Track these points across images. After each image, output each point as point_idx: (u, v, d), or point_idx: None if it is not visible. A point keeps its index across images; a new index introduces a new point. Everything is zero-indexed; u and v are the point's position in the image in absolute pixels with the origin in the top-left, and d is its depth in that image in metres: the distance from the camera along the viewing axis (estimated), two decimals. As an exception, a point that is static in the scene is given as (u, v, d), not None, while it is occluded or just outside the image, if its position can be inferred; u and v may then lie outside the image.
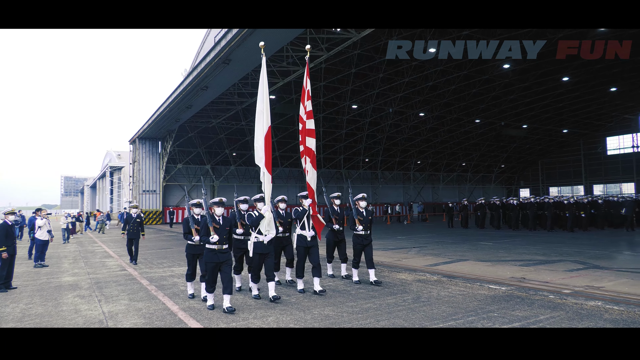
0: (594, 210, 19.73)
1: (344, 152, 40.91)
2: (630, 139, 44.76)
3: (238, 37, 15.98)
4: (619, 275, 8.07)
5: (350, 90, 31.03)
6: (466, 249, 13.02)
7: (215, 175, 37.70)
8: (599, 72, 30.09)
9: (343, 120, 35.79)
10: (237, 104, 28.64)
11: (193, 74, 21.36)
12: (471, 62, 28.19)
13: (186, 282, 7.36)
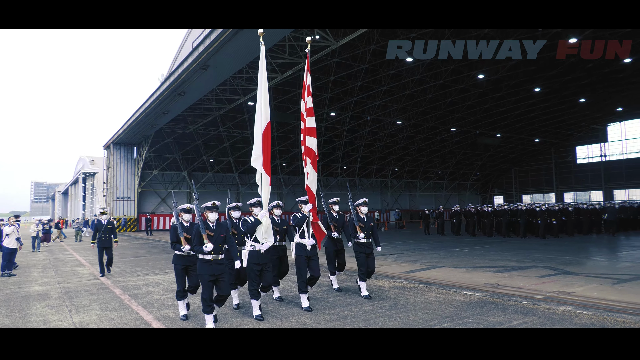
0: (565, 217, 20.30)
1: (322, 159, 41.00)
2: (598, 149, 46.33)
3: (217, 43, 15.90)
4: (588, 281, 8.30)
5: (328, 97, 31.21)
6: (442, 256, 13.18)
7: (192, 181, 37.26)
8: (569, 83, 31.10)
9: (321, 127, 35.92)
10: (215, 110, 28.44)
11: (170, 79, 21.12)
12: (447, 72, 28.76)
13: (176, 301, 6.61)
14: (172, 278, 9.98)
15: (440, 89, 31.49)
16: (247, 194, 39.44)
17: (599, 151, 46.27)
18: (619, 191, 44.78)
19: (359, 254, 7.19)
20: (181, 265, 6.23)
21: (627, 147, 44.18)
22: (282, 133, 35.63)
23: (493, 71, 28.70)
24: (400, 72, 28.81)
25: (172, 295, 7.91)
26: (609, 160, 45.39)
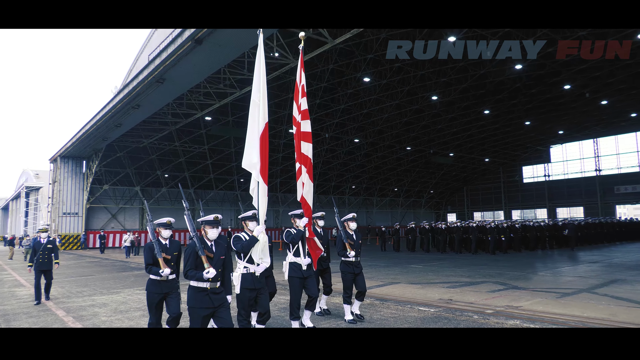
0: (512, 234, 21.20)
1: (280, 176, 40.94)
2: (542, 169, 49.01)
3: (174, 57, 15.65)
4: (534, 295, 8.66)
5: (287, 114, 31.36)
6: (398, 272, 13.37)
7: (145, 197, 36.01)
8: (515, 107, 32.89)
9: (280, 144, 35.95)
10: (170, 124, 27.85)
11: (124, 92, 20.52)
12: (403, 92, 29.68)
13: None
14: (121, 298, 9.53)
15: (396, 109, 32.41)
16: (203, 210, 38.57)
17: (543, 171, 48.95)
18: (561, 209, 47.39)
19: (346, 274, 6.62)
20: (158, 293, 5.13)
21: (567, 168, 47.01)
22: (240, 149, 35.29)
23: (446, 93, 29.91)
24: (357, 91, 29.47)
25: (121, 316, 7.54)
26: (552, 180, 48.07)
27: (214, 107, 24.69)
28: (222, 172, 37.69)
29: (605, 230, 25.69)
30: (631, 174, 42.01)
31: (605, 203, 43.28)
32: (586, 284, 9.95)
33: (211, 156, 35.22)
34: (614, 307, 7.29)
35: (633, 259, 16.08)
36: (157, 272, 5.12)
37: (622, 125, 40.71)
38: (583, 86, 28.90)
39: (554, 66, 25.44)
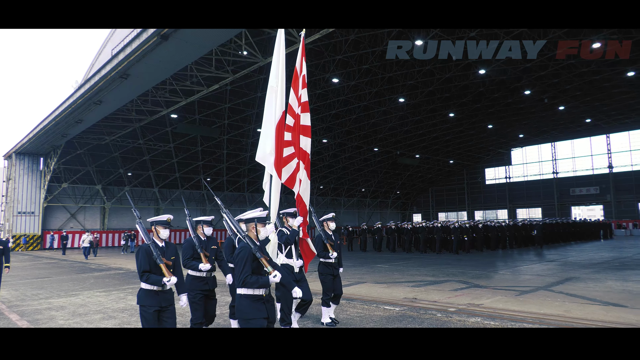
0: (475, 234, 21.81)
1: (247, 175, 40.56)
2: (504, 171, 50.67)
3: (139, 52, 15.22)
4: (494, 293, 8.95)
5: (255, 113, 31.09)
6: (364, 272, 13.50)
7: (107, 196, 34.89)
8: (479, 110, 33.86)
9: (247, 143, 35.62)
10: (134, 121, 27.10)
11: (85, 87, 19.80)
12: (370, 94, 30.00)
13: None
14: (80, 301, 9.20)
15: (364, 110, 32.75)
16: (167, 210, 37.75)
17: (504, 173, 50.62)
18: (520, 210, 49.14)
19: (326, 276, 6.41)
20: (155, 306, 4.27)
21: (527, 171, 48.80)
22: (207, 147, 34.77)
23: (413, 96, 30.46)
24: (326, 92, 29.56)
25: (80, 319, 7.28)
26: (512, 182, 49.78)
27: (180, 105, 24.21)
28: (188, 171, 36.97)
29: (562, 230, 26.83)
30: (585, 176, 44.07)
31: (561, 204, 45.20)
32: (543, 282, 10.36)
33: (177, 154, 34.49)
34: (568, 304, 7.63)
35: (586, 257, 16.87)
36: (157, 281, 4.24)
37: (578, 130, 42.65)
38: (542, 92, 30.09)
39: (516, 72, 26.36)
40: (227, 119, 31.07)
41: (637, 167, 40.99)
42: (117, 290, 10.56)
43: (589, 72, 26.41)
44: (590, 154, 44.05)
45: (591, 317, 6.53)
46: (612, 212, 41.48)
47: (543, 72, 26.13)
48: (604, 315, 6.65)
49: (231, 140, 34.79)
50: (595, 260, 15.76)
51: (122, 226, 35.19)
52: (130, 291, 10.41)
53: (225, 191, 40.41)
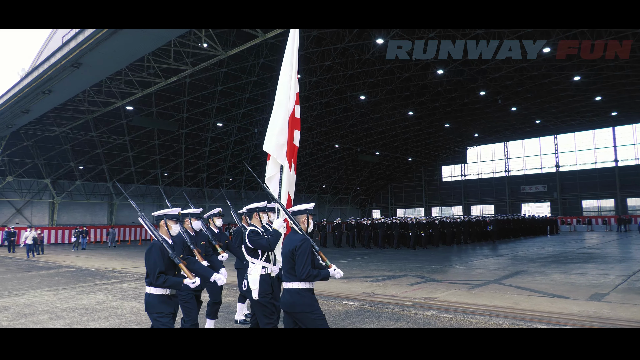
0: (432, 229, 22.43)
1: (207, 170, 39.79)
2: (459, 169, 52.34)
3: (92, 40, 14.54)
4: (449, 287, 9.25)
5: (215, 107, 30.54)
6: (324, 267, 13.57)
7: (57, 190, 33.25)
8: (437, 109, 34.78)
9: (207, 137, 34.93)
10: (87, 113, 25.97)
11: (33, 75, 18.72)
12: (332, 91, 30.15)
13: None
14: (25, 301, 8.74)
15: (326, 107, 32.87)
16: (122, 205, 36.49)
17: (460, 171, 52.29)
18: (475, 206, 50.94)
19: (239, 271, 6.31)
20: (171, 314, 3.93)
21: (481, 169, 50.65)
22: (165, 141, 33.80)
23: (373, 93, 30.87)
24: (288, 87, 29.42)
25: (25, 320, 6.91)
26: (467, 180, 51.51)
27: (137, 97, 23.40)
28: (144, 166, 35.82)
29: (513, 226, 28.07)
30: (535, 175, 46.27)
31: (512, 201, 47.24)
32: (494, 276, 10.81)
33: (132, 148, 33.33)
34: (517, 296, 8.00)
35: (534, 252, 17.74)
36: (177, 284, 3.78)
37: (528, 130, 44.65)
38: (496, 93, 31.27)
39: (472, 73, 27.24)
40: (186, 112, 30.34)
41: (582, 166, 43.46)
42: (66, 289, 10.11)
43: (539, 76, 27.69)
44: (540, 154, 46.26)
45: (537, 309, 6.88)
46: (559, 209, 43.79)
47: (497, 74, 27.15)
48: (549, 307, 7.02)
49: (190, 135, 33.98)
50: (542, 254, 16.61)
51: (72, 222, 33.64)
52: (81, 290, 10.00)
53: (183, 186, 39.48)
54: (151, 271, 3.71)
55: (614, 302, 7.32)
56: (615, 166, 41.14)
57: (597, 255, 15.87)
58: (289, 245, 3.75)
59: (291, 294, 3.65)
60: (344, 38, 23.43)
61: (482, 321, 6.18)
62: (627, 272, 10.94)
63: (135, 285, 10.63)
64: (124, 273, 13.17)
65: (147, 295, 3.79)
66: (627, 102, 33.97)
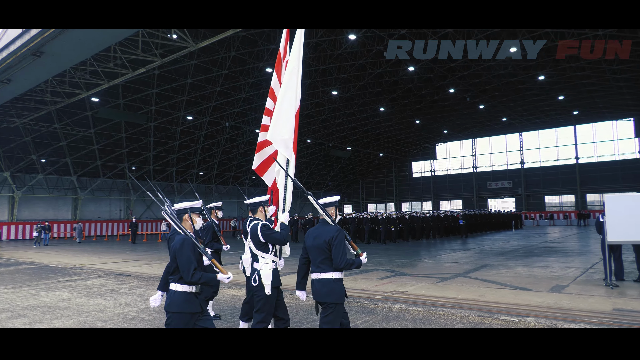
0: (402, 224, 22.76)
1: (176, 165, 39.05)
2: (429, 165, 53.28)
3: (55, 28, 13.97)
4: (418, 280, 9.42)
5: (185, 100, 29.95)
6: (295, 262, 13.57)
7: (17, 184, 31.90)
8: (407, 106, 35.21)
9: (176, 131, 34.24)
10: (49, 104, 24.99)
11: (-10, 63, 17.84)
12: (304, 86, 30.03)
13: None
14: (-17, 298, 8.36)
15: (298, 102, 32.72)
16: (87, 200, 35.40)
17: (429, 167, 53.23)
18: (443, 202, 52.02)
19: None
20: (196, 313, 3.64)
21: (450, 165, 51.73)
22: (132, 134, 32.93)
23: (345, 89, 30.96)
24: (260, 81, 29.17)
25: (-18, 319, 6.61)
26: (437, 175, 52.53)
27: (102, 88, 22.66)
28: (111, 159, 34.81)
29: (480, 221, 28.83)
30: (500, 171, 47.64)
31: (480, 196, 48.50)
32: (461, 269, 11.08)
33: (98, 141, 32.31)
34: (482, 289, 8.23)
35: (499, 246, 18.29)
36: (213, 279, 3.58)
37: (495, 128, 45.87)
38: (465, 91, 31.92)
39: (441, 70, 27.71)
40: (155, 105, 29.62)
41: (545, 163, 45.03)
42: (27, 287, 9.73)
43: (506, 74, 28.44)
44: (506, 151, 47.63)
45: (502, 300, 7.11)
46: (523, 204, 45.26)
47: (466, 72, 27.71)
48: (513, 298, 7.26)
49: (159, 128, 33.22)
50: (507, 248, 17.14)
51: (34, 217, 32.37)
52: (43, 287, 9.65)
53: (152, 180, 38.62)
54: (185, 267, 3.48)
55: (573, 293, 7.63)
56: (576, 163, 42.83)
57: (558, 248, 16.51)
58: (323, 236, 3.77)
59: (325, 284, 3.72)
60: (316, 33, 23.36)
61: (449, 313, 6.33)
62: (585, 264, 11.42)
63: (101, 282, 10.35)
64: (89, 269, 12.79)
65: (173, 293, 3.56)
66: (587, 101, 35.36)
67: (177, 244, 3.55)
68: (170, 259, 3.67)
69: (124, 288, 9.35)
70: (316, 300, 3.82)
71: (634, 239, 8.00)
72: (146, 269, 12.78)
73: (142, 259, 15.71)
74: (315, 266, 3.84)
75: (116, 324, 6.23)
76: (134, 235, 26.00)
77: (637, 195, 8.99)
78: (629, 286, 8.19)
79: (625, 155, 40.45)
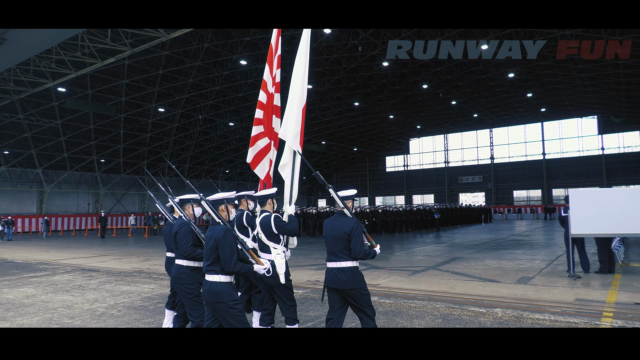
0: (375, 218, 23.01)
1: (147, 157, 38.20)
2: (402, 159, 53.94)
3: (17, 14, 13.38)
4: (390, 274, 9.55)
5: (157, 92, 29.27)
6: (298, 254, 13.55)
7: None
8: (382, 101, 35.48)
9: (148, 123, 33.45)
10: (13, 93, 24.03)
11: (-52, 50, 16.96)
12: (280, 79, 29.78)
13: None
14: (-59, 296, 8.00)
15: (272, 95, 32.48)
16: (54, 193, 34.29)
17: (402, 162, 53.90)
18: (416, 196, 52.82)
19: None
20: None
21: (423, 160, 52.51)
22: (101, 126, 31.99)
23: (320, 83, 30.91)
24: (234, 73, 28.81)
25: (-59, 317, 6.33)
26: (410, 170, 53.25)
27: (70, 78, 21.92)
28: (78, 151, 33.76)
29: (451, 215, 29.43)
30: (471, 166, 48.70)
31: (451, 191, 49.48)
32: (433, 262, 11.30)
33: (65, 132, 31.25)
34: (453, 281, 8.42)
35: (470, 239, 18.73)
36: (250, 269, 3.70)
37: (466, 123, 46.79)
38: (437, 87, 32.40)
39: (415, 66, 28.01)
40: (125, 96, 28.83)
41: (514, 159, 46.32)
42: (-10, 283, 9.37)
43: (477, 71, 29.01)
44: (477, 146, 48.69)
45: (471, 292, 7.29)
46: (492, 198, 46.44)
47: (439, 68, 28.10)
48: (482, 290, 7.46)
49: (129, 120, 32.38)
50: (477, 241, 17.57)
51: (-3, 211, 31.16)
52: (6, 283, 9.31)
53: (122, 174, 37.70)
54: (228, 258, 3.54)
55: (539, 284, 7.90)
56: (543, 159, 44.19)
57: (525, 241, 17.03)
58: (342, 227, 4.03)
59: (345, 272, 3.97)
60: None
61: (420, 305, 6.45)
62: (550, 257, 11.84)
63: (68, 277, 10.06)
64: (56, 265, 12.41)
65: (219, 284, 3.58)
66: (554, 99, 36.48)
67: (220, 234, 3.59)
68: (208, 248, 3.66)
69: (92, 284, 9.13)
70: (329, 287, 4.08)
71: (596, 231, 8.34)
72: (116, 264, 12.50)
73: (112, 254, 15.35)
74: (333, 255, 4.06)
75: (84, 320, 6.08)
76: (103, 230, 25.37)
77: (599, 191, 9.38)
78: (591, 277, 8.54)
79: (589, 151, 42.01)
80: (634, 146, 39.92)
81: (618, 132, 40.36)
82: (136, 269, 11.18)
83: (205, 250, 3.71)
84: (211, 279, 3.61)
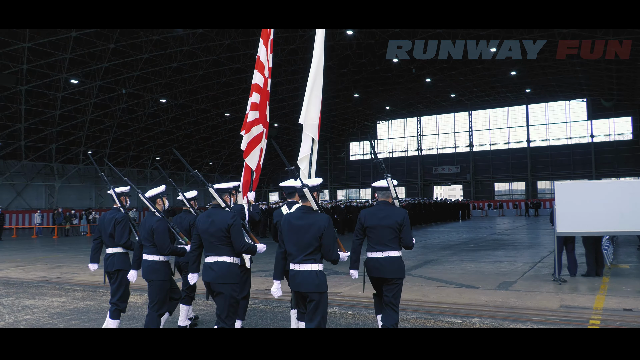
0: (337, 215, 23.21)
1: (57, 141, 36.55)
2: (369, 146, 54.61)
3: None
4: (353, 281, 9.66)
5: (68, 58, 27.94)
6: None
7: None
8: (345, 76, 35.69)
9: (57, 97, 31.94)
10: None
11: None
12: (222, 47, 29.33)
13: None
14: None
15: (214, 66, 31.96)
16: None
17: (369, 149, 54.58)
18: (384, 189, 53.75)
19: None
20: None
21: (393, 146, 53.39)
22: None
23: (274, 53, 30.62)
24: (166, 39, 28.00)
25: None
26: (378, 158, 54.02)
27: None
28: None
29: (424, 211, 30.16)
30: (448, 154, 50.08)
31: (425, 183, 50.71)
32: (403, 266, 11.54)
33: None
34: (425, 288, 8.66)
35: (445, 239, 19.29)
36: (255, 249, 5.01)
37: (443, 105, 48.00)
38: (410, 62, 32.87)
39: (385, 36, 28.31)
40: (27, 63, 27.35)
41: (495, 146, 47.98)
42: None
43: (456, 45, 29.70)
44: (454, 131, 50.05)
45: (446, 300, 7.52)
46: (471, 192, 48.01)
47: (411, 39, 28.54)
48: (458, 298, 7.71)
49: (33, 93, 30.78)
50: (453, 241, 18.13)
51: None
52: None
53: (24, 160, 35.90)
54: (241, 241, 4.56)
55: (521, 290, 8.26)
56: (527, 147, 46.08)
57: (507, 241, 17.75)
58: (393, 217, 4.78)
59: (393, 261, 4.77)
60: None
61: (388, 317, 6.58)
62: (534, 258, 12.39)
63: (-47, 290, 9.52)
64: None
65: (229, 265, 4.53)
66: (540, 78, 38.03)
67: (232, 223, 4.51)
68: (220, 232, 4.51)
69: (-15, 298, 8.69)
70: (378, 277, 4.85)
71: (584, 229, 8.75)
72: (16, 272, 11.96)
73: (11, 260, 14.67)
74: (381, 245, 4.77)
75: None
76: (0, 230, 24.24)
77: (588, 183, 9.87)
78: (578, 281, 9.01)
79: (578, 139, 44.23)
80: (625, 133, 42.43)
81: (608, 117, 42.69)
82: (43, 279, 10.75)
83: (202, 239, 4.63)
84: (224, 259, 4.54)
